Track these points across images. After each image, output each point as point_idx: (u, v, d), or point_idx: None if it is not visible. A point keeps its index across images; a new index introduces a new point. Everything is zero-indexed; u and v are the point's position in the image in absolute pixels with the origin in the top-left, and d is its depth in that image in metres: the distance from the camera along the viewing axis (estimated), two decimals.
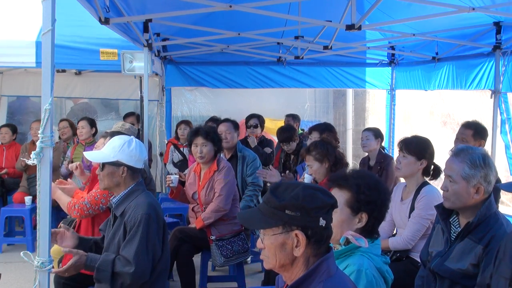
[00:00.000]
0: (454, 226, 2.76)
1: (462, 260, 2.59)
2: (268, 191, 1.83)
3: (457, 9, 4.50)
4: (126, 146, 3.07)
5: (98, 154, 3.24)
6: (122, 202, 3.06)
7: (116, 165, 3.06)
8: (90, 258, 2.91)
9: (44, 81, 2.39)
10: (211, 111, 9.02)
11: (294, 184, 1.83)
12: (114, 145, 3.08)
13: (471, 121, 4.70)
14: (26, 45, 5.76)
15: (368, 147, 5.72)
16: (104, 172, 3.07)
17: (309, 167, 4.11)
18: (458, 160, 2.64)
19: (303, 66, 7.78)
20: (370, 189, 2.23)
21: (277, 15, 5.24)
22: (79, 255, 2.89)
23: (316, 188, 1.82)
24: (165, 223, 3.15)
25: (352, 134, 10.40)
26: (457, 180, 2.62)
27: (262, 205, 1.83)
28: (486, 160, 2.61)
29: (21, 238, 6.44)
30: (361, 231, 2.22)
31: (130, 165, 3.07)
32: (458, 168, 2.62)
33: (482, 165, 2.58)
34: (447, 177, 2.68)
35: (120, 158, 3.05)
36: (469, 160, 2.60)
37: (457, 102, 9.74)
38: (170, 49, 7.27)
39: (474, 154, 2.62)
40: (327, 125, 5.52)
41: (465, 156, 2.62)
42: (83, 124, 6.44)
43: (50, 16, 2.39)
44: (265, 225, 1.80)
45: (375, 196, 2.22)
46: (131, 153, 3.07)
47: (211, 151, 4.50)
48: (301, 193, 1.76)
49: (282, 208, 1.75)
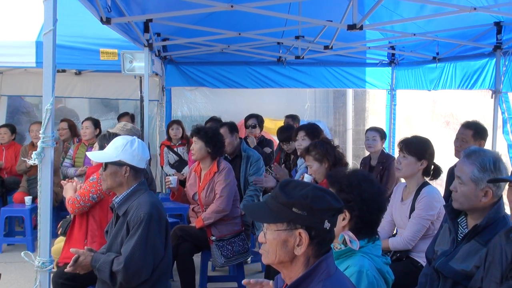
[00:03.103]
0: (461, 226, 2.74)
1: (467, 262, 2.58)
2: (278, 186, 1.83)
3: (458, 9, 4.50)
4: (128, 146, 3.08)
5: (101, 154, 3.24)
6: (124, 202, 3.07)
7: (119, 164, 3.07)
8: (94, 259, 2.94)
9: (45, 81, 2.39)
10: (211, 111, 9.01)
11: (304, 183, 1.83)
12: (117, 145, 3.09)
13: (471, 121, 4.69)
14: (26, 45, 5.75)
15: (374, 148, 5.58)
16: (107, 172, 3.08)
17: (309, 167, 4.10)
18: (468, 162, 2.61)
19: (303, 66, 7.77)
20: (351, 187, 2.22)
21: (278, 15, 5.25)
22: (84, 255, 2.93)
23: (326, 191, 1.83)
24: (167, 223, 3.16)
25: (352, 134, 10.40)
26: (466, 182, 2.60)
27: (270, 199, 1.83)
28: (497, 164, 2.58)
29: (21, 238, 6.44)
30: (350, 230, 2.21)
31: (133, 165, 3.08)
32: (467, 170, 2.60)
33: (492, 169, 2.55)
34: (456, 178, 2.66)
35: (123, 158, 3.06)
36: (479, 163, 2.57)
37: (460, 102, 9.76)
38: (170, 49, 7.27)
39: (485, 157, 2.59)
40: (313, 125, 5.08)
41: (476, 158, 2.60)
42: (87, 125, 6.43)
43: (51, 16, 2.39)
44: (270, 220, 1.80)
45: (354, 195, 2.21)
46: (133, 152, 3.08)
47: (202, 149, 4.48)
48: (310, 193, 1.76)
49: (289, 205, 1.76)
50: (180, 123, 7.23)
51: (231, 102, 9.28)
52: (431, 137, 3.98)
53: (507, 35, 5.34)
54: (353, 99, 10.38)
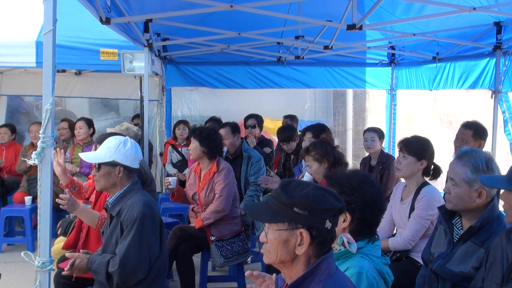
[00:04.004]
0: (457, 228, 2.74)
1: (464, 263, 2.58)
2: (279, 186, 1.83)
3: (458, 9, 4.50)
4: (121, 146, 3.08)
5: (93, 154, 3.24)
6: (118, 202, 3.06)
7: (112, 165, 3.06)
8: (90, 260, 2.94)
9: (45, 81, 2.39)
10: (211, 111, 9.00)
11: (305, 183, 1.83)
12: (110, 146, 3.09)
13: (471, 121, 4.69)
14: (26, 45, 5.74)
15: (373, 149, 5.61)
16: (101, 172, 3.07)
17: (308, 167, 4.11)
18: (461, 163, 2.61)
19: (303, 66, 7.77)
20: (352, 188, 2.21)
21: (278, 15, 5.25)
22: (80, 258, 2.94)
23: (327, 191, 1.82)
24: (162, 222, 3.15)
25: (352, 134, 10.39)
26: (459, 184, 2.59)
27: (271, 199, 1.83)
28: (490, 164, 2.57)
29: (21, 238, 6.44)
30: (350, 231, 2.20)
31: (126, 165, 3.08)
32: (460, 171, 2.59)
33: (484, 170, 2.54)
34: (449, 179, 2.66)
35: (116, 158, 3.05)
36: (471, 164, 2.57)
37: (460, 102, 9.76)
38: (170, 49, 7.27)
39: (478, 158, 2.58)
40: (321, 126, 5.33)
41: (468, 159, 2.59)
42: (81, 125, 6.43)
43: (51, 16, 2.39)
44: (271, 219, 1.80)
45: (356, 196, 2.20)
46: (126, 152, 3.08)
47: (197, 148, 4.49)
48: (312, 192, 1.76)
49: (290, 205, 1.76)
50: (187, 123, 7.22)
51: (231, 102, 9.28)
52: (431, 137, 3.98)
53: (507, 35, 5.35)
54: (353, 99, 10.38)
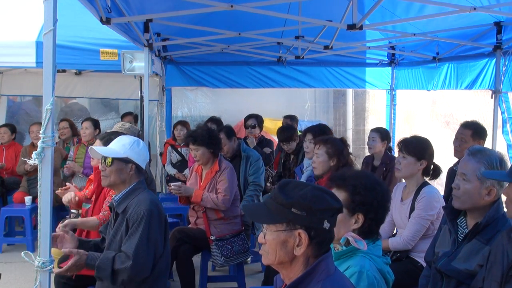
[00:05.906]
0: (461, 227, 2.74)
1: (469, 261, 2.58)
2: (277, 187, 1.83)
3: (458, 8, 4.50)
4: (135, 144, 3.13)
5: (108, 149, 3.20)
6: (124, 200, 3.07)
7: (126, 162, 3.09)
8: (90, 257, 2.93)
9: (45, 81, 2.38)
10: (211, 111, 9.01)
11: (303, 184, 1.83)
12: (124, 143, 3.13)
13: (470, 121, 4.69)
14: (26, 45, 5.74)
15: (373, 149, 5.61)
16: (112, 168, 3.07)
17: (316, 155, 4.05)
18: (474, 160, 2.61)
19: (303, 66, 7.77)
20: (366, 190, 2.21)
21: (278, 15, 5.25)
22: (79, 254, 2.91)
23: (325, 191, 1.82)
24: (166, 221, 3.17)
25: (352, 134, 10.39)
26: (471, 180, 2.60)
27: (269, 200, 1.82)
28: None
29: (21, 238, 6.44)
30: (358, 232, 2.20)
31: (138, 164, 3.12)
32: (474, 167, 2.59)
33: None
34: (460, 175, 2.66)
35: (130, 155, 3.09)
36: (486, 161, 2.57)
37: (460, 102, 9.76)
38: (171, 49, 7.27)
39: (492, 156, 2.60)
40: (322, 127, 5.19)
41: (482, 156, 2.60)
42: (87, 125, 6.42)
43: (51, 16, 2.38)
44: (269, 220, 1.80)
45: (371, 197, 2.20)
46: (140, 152, 3.13)
47: (205, 153, 4.50)
48: (309, 193, 1.75)
49: (288, 205, 1.75)
50: (186, 124, 7.21)
51: (231, 102, 9.28)
52: (431, 137, 3.98)
53: (507, 35, 5.34)
54: (353, 99, 10.37)
